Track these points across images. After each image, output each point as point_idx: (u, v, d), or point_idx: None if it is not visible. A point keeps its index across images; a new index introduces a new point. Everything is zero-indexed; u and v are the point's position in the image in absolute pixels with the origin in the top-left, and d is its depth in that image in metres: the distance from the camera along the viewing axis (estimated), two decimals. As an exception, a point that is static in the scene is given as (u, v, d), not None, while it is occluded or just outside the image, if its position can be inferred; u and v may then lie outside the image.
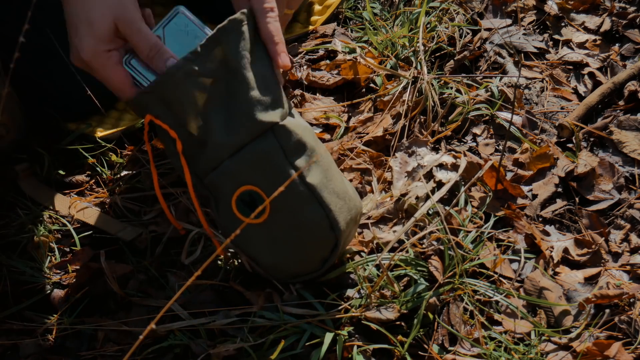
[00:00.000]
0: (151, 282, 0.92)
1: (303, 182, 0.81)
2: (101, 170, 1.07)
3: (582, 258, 0.96)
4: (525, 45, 1.31)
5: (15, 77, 0.99)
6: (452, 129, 1.13)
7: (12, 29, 0.80)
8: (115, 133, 1.11)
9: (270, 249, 0.83)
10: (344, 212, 0.84)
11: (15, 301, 0.90)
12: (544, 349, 0.84)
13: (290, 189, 0.81)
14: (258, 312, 0.84)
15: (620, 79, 1.21)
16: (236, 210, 0.81)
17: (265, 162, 0.80)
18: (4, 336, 0.86)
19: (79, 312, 0.89)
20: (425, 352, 0.83)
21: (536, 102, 1.21)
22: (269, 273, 0.86)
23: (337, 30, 1.33)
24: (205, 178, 0.82)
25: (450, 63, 1.26)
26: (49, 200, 1.02)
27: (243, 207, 0.81)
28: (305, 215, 0.82)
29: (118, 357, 0.84)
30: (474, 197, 1.02)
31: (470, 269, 0.92)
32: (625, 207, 1.03)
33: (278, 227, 0.82)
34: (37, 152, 1.06)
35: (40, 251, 0.95)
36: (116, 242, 0.97)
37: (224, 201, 0.82)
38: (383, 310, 0.84)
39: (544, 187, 1.06)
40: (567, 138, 1.14)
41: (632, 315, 0.87)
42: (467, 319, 0.87)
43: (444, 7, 1.33)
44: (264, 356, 0.81)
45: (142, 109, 0.80)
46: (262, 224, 0.82)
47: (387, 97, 1.16)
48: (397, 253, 0.87)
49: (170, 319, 0.85)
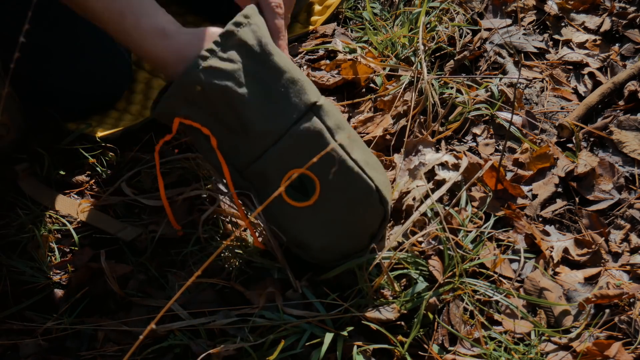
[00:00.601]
0: (151, 282, 0.92)
1: (350, 157, 0.83)
2: (101, 170, 1.07)
3: (582, 258, 0.96)
4: (525, 45, 1.31)
5: (15, 77, 0.99)
6: (453, 129, 1.13)
7: (12, 29, 0.80)
8: (115, 133, 1.11)
9: (322, 231, 0.84)
10: (387, 186, 0.87)
11: (15, 301, 0.90)
12: (544, 349, 0.84)
13: (339, 164, 0.82)
14: (258, 312, 0.84)
15: (620, 79, 1.21)
16: (286, 195, 0.81)
17: (311, 142, 0.81)
18: (4, 336, 0.86)
19: (79, 312, 0.89)
20: (425, 352, 0.83)
21: (536, 102, 1.21)
22: (319, 258, 0.86)
23: (337, 30, 1.33)
24: (247, 169, 0.82)
25: (450, 63, 1.26)
26: (49, 200, 1.02)
27: (293, 191, 0.82)
28: (357, 190, 0.83)
29: (118, 357, 0.84)
30: (474, 197, 1.02)
31: (470, 269, 0.92)
32: (625, 207, 1.03)
33: (330, 206, 0.83)
34: (37, 152, 1.06)
35: (40, 251, 0.95)
36: (116, 242, 0.97)
37: (271, 189, 0.82)
38: (383, 310, 0.84)
39: (544, 187, 1.06)
40: (567, 138, 1.14)
41: (632, 315, 0.87)
42: (467, 319, 0.87)
43: (444, 7, 1.33)
44: (264, 356, 0.81)
45: (168, 113, 0.79)
46: (313, 207, 0.83)
47: (388, 97, 1.16)
48: (397, 253, 0.87)
49: (170, 319, 0.85)
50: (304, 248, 0.86)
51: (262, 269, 0.91)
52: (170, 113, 0.79)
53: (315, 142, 0.81)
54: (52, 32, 1.05)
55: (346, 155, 0.83)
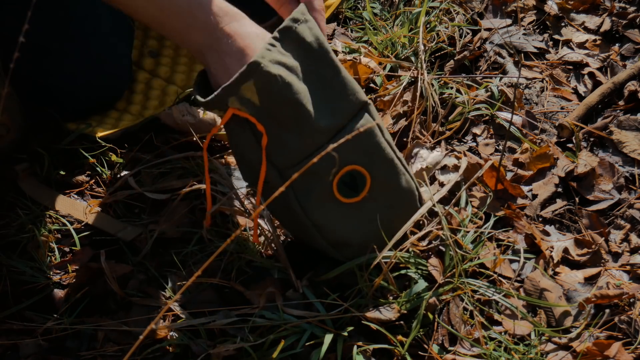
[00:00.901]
0: (151, 282, 0.92)
1: (397, 156, 0.85)
2: (101, 170, 1.07)
3: (582, 258, 0.96)
4: (525, 45, 1.31)
5: (15, 77, 0.99)
6: (453, 129, 1.13)
7: (12, 29, 0.80)
8: (115, 133, 1.10)
9: (365, 228, 0.85)
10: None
11: (15, 301, 0.90)
12: (544, 349, 0.84)
13: (388, 161, 0.84)
14: (258, 312, 0.84)
15: (620, 79, 1.21)
16: (337, 191, 0.82)
17: (365, 139, 0.82)
18: (4, 336, 0.86)
19: (79, 312, 0.89)
20: (425, 352, 0.83)
21: (536, 102, 1.21)
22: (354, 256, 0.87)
23: (337, 30, 1.33)
24: (292, 168, 0.80)
25: (450, 63, 1.26)
26: (49, 200, 1.02)
27: (344, 188, 0.83)
28: (402, 189, 0.86)
29: (118, 357, 0.84)
30: (475, 196, 1.02)
31: (470, 269, 0.92)
32: (625, 207, 1.03)
33: (376, 204, 0.85)
34: (37, 152, 1.06)
35: (40, 251, 0.95)
36: (116, 242, 0.97)
37: (320, 187, 0.82)
38: (383, 310, 0.84)
39: (544, 187, 1.06)
40: (567, 138, 1.14)
41: (632, 315, 0.87)
42: (467, 319, 0.87)
43: (444, 7, 1.33)
44: (264, 356, 0.81)
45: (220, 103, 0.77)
46: (360, 203, 0.84)
47: (387, 97, 1.16)
48: (397, 253, 0.87)
49: (170, 319, 0.85)
50: (341, 247, 0.86)
51: (262, 269, 0.91)
52: (222, 103, 0.77)
53: (368, 140, 0.83)
54: (52, 32, 1.05)
55: (393, 154, 0.85)
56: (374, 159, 0.83)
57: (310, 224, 0.84)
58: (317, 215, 0.83)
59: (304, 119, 0.79)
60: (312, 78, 0.79)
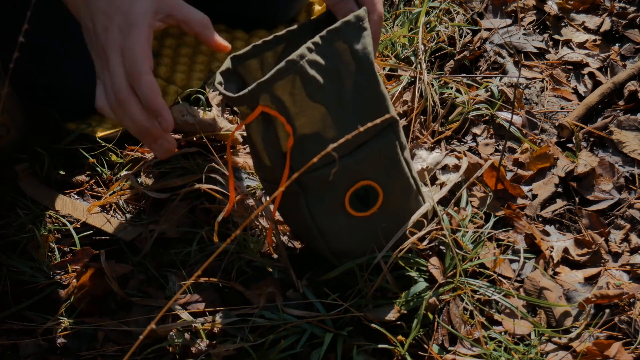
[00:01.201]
0: (151, 282, 0.92)
1: (411, 175, 0.86)
2: (101, 170, 1.07)
3: (582, 258, 0.96)
4: (525, 45, 1.31)
5: (15, 77, 0.99)
6: (452, 129, 1.13)
7: (12, 29, 0.80)
8: (115, 133, 1.10)
9: (369, 240, 0.85)
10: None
11: (15, 301, 0.90)
12: (544, 349, 0.84)
13: (404, 181, 0.84)
14: (258, 312, 0.84)
15: (620, 79, 1.21)
16: (348, 204, 0.82)
17: (385, 157, 0.82)
18: (4, 336, 0.86)
19: (79, 312, 0.89)
20: (425, 352, 0.83)
21: (536, 102, 1.21)
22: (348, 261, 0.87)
23: (337, 30, 1.33)
24: (309, 174, 0.79)
25: (450, 63, 1.26)
26: (49, 200, 1.02)
27: (356, 201, 0.82)
28: (412, 207, 0.87)
29: (118, 357, 0.84)
30: (475, 196, 1.02)
31: (470, 268, 0.92)
32: (625, 207, 1.03)
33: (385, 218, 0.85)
34: (37, 152, 1.06)
35: (40, 251, 0.95)
36: (116, 242, 0.97)
37: (333, 197, 0.82)
38: (383, 310, 0.84)
39: (544, 187, 1.06)
40: (567, 138, 1.14)
41: (632, 315, 0.87)
42: (467, 319, 0.87)
43: (444, 7, 1.33)
44: (264, 356, 0.81)
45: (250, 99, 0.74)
46: (366, 218, 0.84)
47: (387, 97, 1.16)
48: (397, 253, 0.87)
49: (171, 319, 0.85)
50: (341, 256, 0.87)
51: (262, 269, 0.91)
52: (253, 99, 0.74)
53: (388, 157, 0.82)
54: (52, 32, 1.05)
55: (409, 173, 0.85)
56: (390, 177, 0.83)
57: (316, 229, 0.84)
58: (324, 223, 0.83)
59: (329, 126, 0.77)
60: (349, 85, 0.77)
